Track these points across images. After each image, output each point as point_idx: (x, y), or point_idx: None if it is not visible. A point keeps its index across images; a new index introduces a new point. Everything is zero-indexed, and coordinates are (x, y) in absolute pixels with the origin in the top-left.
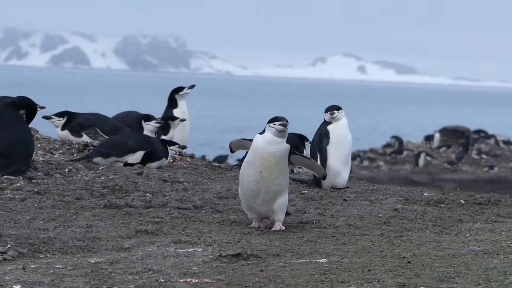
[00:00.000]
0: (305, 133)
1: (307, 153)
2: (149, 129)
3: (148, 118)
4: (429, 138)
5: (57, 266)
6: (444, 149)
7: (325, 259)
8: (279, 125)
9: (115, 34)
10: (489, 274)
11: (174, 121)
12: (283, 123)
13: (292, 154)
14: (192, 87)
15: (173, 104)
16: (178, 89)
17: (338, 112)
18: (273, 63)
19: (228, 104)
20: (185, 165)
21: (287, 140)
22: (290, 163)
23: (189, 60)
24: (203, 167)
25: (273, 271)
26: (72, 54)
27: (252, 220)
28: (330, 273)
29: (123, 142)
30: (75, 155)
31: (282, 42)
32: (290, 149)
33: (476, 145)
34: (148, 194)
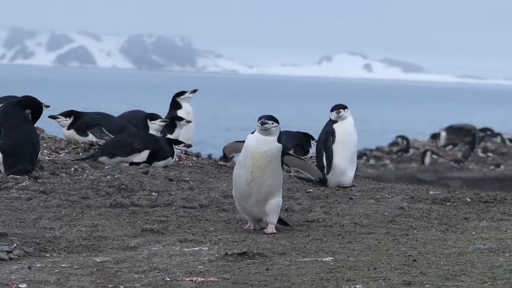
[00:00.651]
0: (311, 131)
1: (312, 151)
2: (154, 128)
3: (154, 117)
4: (435, 137)
5: (63, 265)
6: (450, 147)
7: (331, 258)
8: (259, 123)
9: (121, 33)
10: (495, 272)
11: (181, 121)
12: (262, 121)
13: (286, 155)
14: (194, 91)
15: (176, 106)
16: (180, 93)
17: (344, 111)
18: (278, 61)
19: (234, 103)
20: (190, 164)
21: (286, 141)
22: (285, 164)
23: (195, 59)
24: (208, 166)
25: (279, 270)
26: (78, 53)
27: (248, 221)
28: (336, 272)
29: (128, 142)
30: (80, 154)
31: (288, 41)
32: (283, 150)
33: (482, 143)
34: (154, 193)
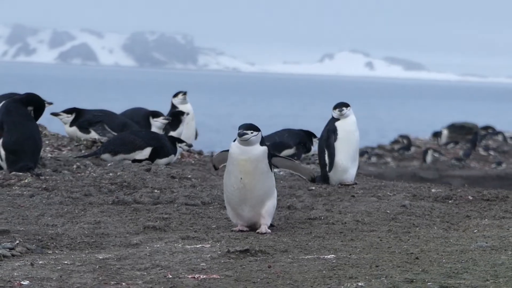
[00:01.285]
0: (313, 129)
1: (314, 149)
2: (156, 125)
3: (156, 114)
4: (436, 135)
5: (65, 262)
6: (452, 145)
7: (333, 255)
8: (238, 134)
9: (123, 31)
10: (497, 270)
11: (182, 116)
12: (240, 132)
13: (273, 156)
14: (184, 93)
15: (175, 106)
16: (175, 94)
17: (346, 109)
18: (280, 59)
19: (235, 101)
20: (193, 162)
21: (288, 139)
22: (274, 165)
23: (197, 56)
24: (211, 163)
25: (281, 267)
26: (80, 51)
27: (237, 224)
28: (338, 269)
29: (131, 140)
30: (83, 151)
31: (290, 39)
32: (269, 151)
33: (484, 141)
34: (156, 191)
